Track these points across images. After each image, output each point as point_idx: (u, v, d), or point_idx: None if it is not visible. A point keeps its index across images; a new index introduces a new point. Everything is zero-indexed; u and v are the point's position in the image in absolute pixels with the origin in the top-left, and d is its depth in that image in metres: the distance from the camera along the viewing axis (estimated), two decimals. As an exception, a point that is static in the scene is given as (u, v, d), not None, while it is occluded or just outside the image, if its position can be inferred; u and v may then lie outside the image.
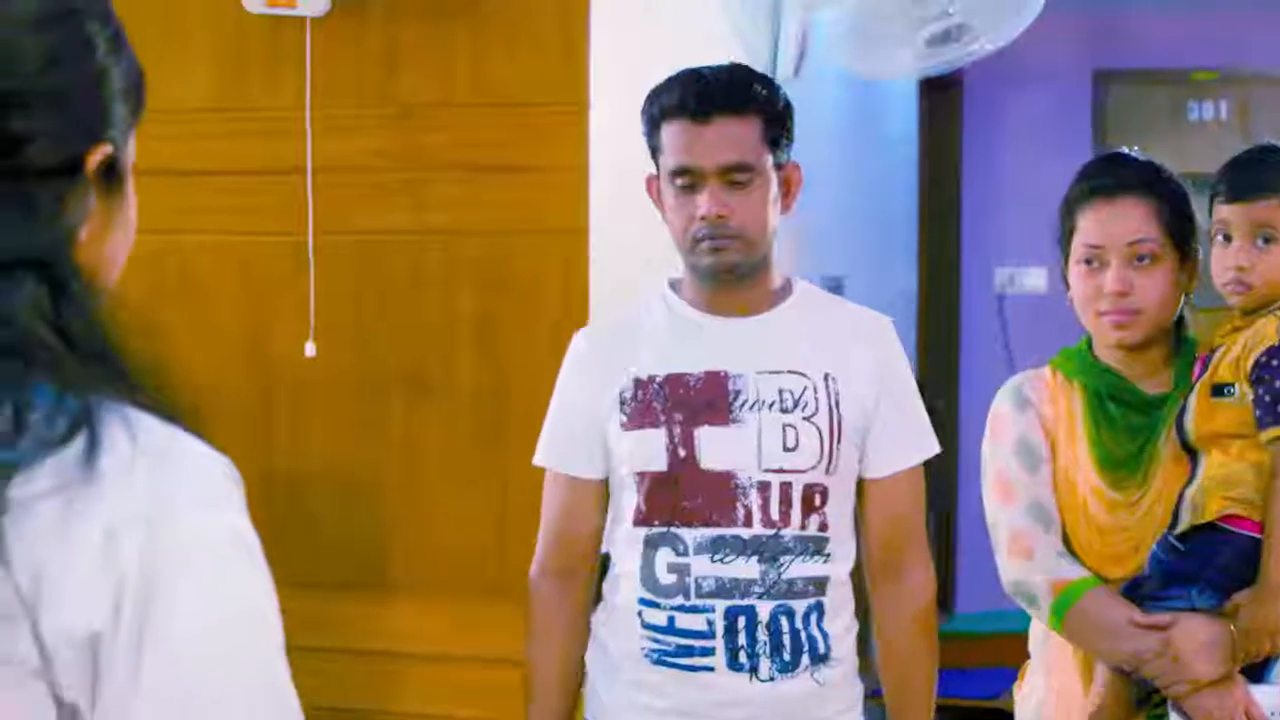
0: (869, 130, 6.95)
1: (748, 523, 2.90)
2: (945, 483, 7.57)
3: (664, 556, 2.93)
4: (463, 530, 3.97)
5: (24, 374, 1.21)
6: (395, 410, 4.04)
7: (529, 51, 3.90)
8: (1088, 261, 2.92)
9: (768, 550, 2.90)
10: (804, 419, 2.93)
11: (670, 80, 2.96)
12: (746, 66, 3.04)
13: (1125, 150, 3.09)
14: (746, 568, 2.90)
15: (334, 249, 4.03)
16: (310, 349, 3.98)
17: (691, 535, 2.91)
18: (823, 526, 2.93)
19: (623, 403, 2.97)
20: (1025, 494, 2.95)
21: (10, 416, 1.19)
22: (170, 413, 1.26)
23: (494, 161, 3.92)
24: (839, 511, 2.96)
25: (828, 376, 2.95)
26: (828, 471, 2.93)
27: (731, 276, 2.94)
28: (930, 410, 3.09)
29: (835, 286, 5.81)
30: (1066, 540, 2.94)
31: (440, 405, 3.99)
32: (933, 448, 3.06)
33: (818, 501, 2.93)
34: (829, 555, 2.94)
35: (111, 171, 1.33)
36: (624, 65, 3.98)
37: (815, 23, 5.11)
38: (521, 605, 3.05)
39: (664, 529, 2.93)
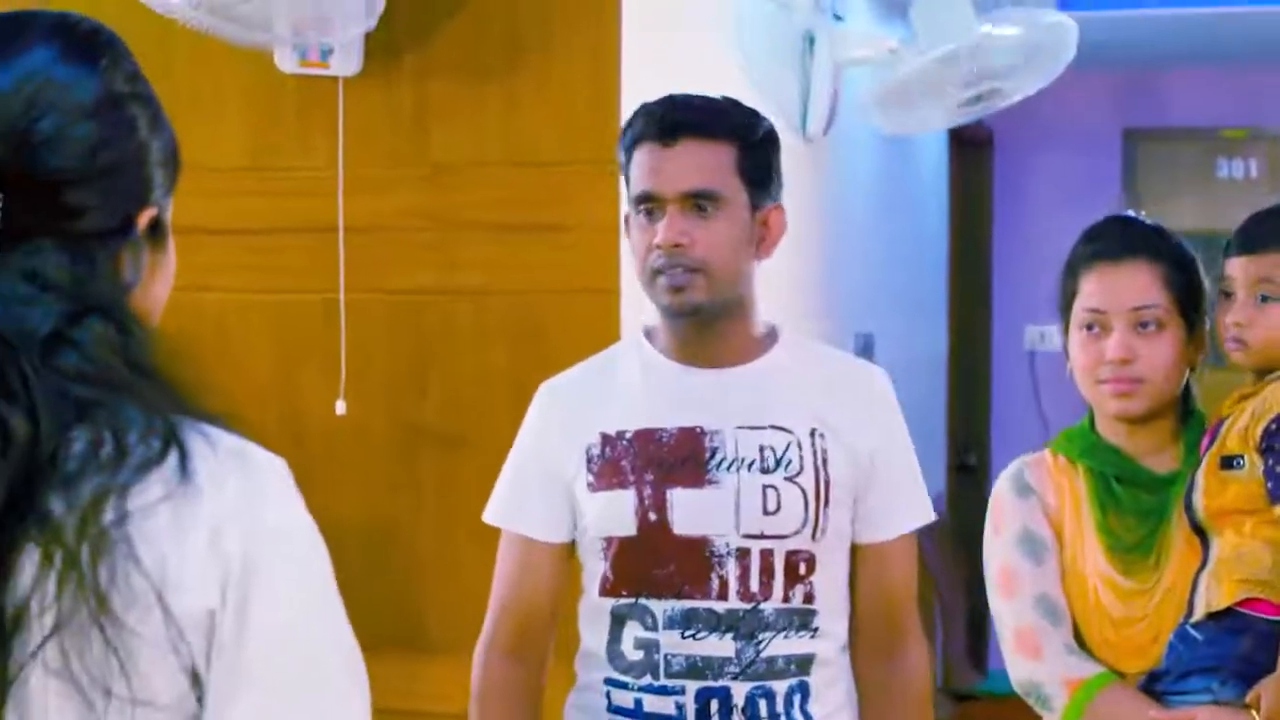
0: (900, 188, 6.96)
1: (722, 595, 2.62)
2: (977, 539, 7.52)
3: (631, 631, 2.66)
4: (494, 588, 3.97)
5: (113, 400, 1.46)
6: (427, 469, 4.04)
7: (560, 111, 3.91)
8: (1088, 327, 2.77)
9: (744, 626, 2.62)
10: (786, 479, 2.65)
11: (643, 106, 2.77)
12: (731, 98, 2.81)
13: (1131, 213, 2.97)
14: (720, 645, 2.62)
15: (365, 307, 4.04)
16: (340, 407, 3.99)
17: (661, 608, 2.63)
18: (808, 598, 2.66)
19: (590, 460, 2.71)
20: (1031, 587, 2.77)
21: (112, 441, 1.44)
22: (227, 425, 1.54)
23: (525, 220, 3.93)
24: (828, 581, 2.69)
25: (814, 432, 2.68)
26: (813, 537, 2.66)
27: (697, 319, 2.69)
28: (962, 466, 3.02)
29: (866, 343, 5.81)
30: (1078, 635, 2.76)
31: (472, 464, 3.98)
32: (928, 514, 2.82)
33: (803, 570, 2.65)
34: (816, 630, 2.67)
35: (155, 229, 1.59)
36: (655, 124, 4.00)
37: (845, 82, 5.13)
38: (554, 661, 3.02)
39: (631, 600, 2.66)
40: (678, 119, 2.68)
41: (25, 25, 1.53)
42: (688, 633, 2.62)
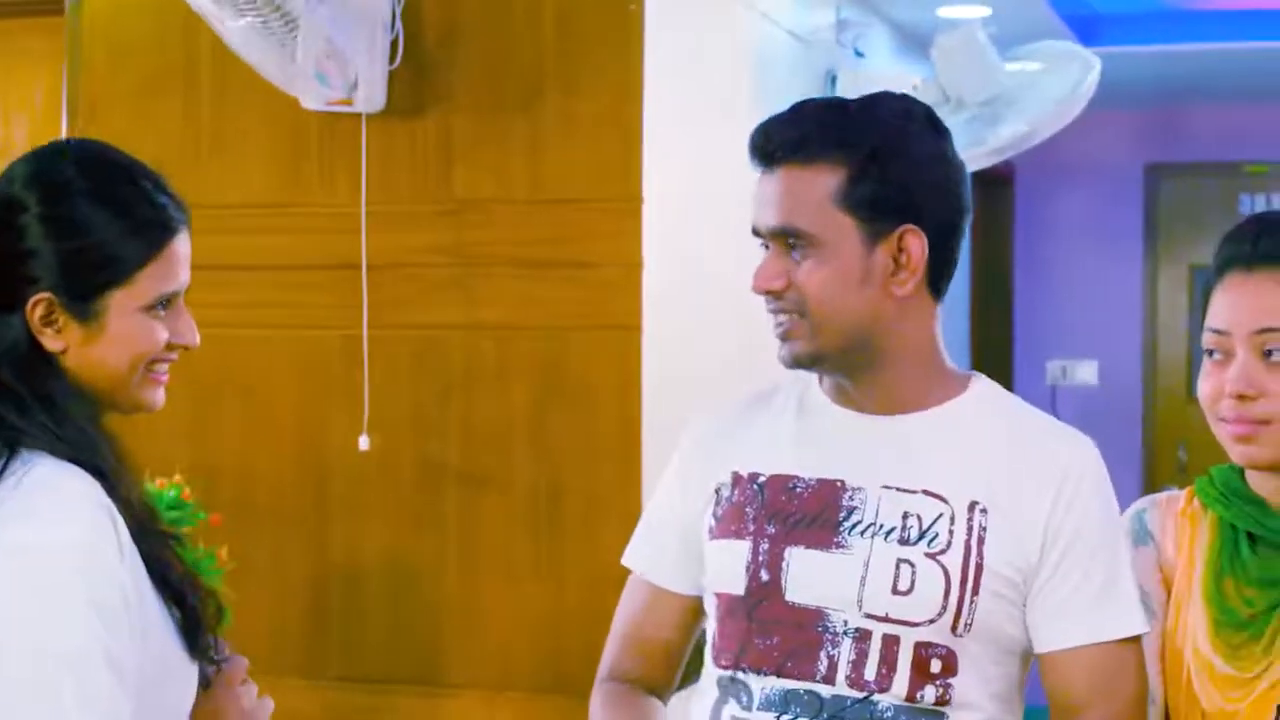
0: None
1: (829, 679, 2.17)
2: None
3: (729, 710, 2.23)
4: (518, 625, 3.97)
5: None
6: (450, 505, 4.04)
7: (584, 148, 3.92)
8: (1210, 353, 2.19)
9: (850, 717, 2.16)
10: (926, 556, 2.17)
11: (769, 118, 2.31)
12: (883, 95, 2.29)
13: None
14: None
15: (389, 343, 4.05)
16: (364, 442, 4.00)
17: (759, 685, 2.21)
18: (941, 701, 2.16)
19: (717, 502, 2.30)
20: None
21: None
22: (93, 465, 1.85)
23: (548, 257, 3.94)
24: (977, 687, 2.19)
25: (975, 506, 2.18)
26: (954, 630, 2.16)
27: (822, 369, 2.28)
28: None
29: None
30: None
31: (495, 499, 3.99)
32: (1129, 626, 2.20)
33: (936, 668, 2.16)
34: None
35: (84, 310, 1.92)
36: (677, 162, 4.01)
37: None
38: (577, 700, 3.01)
39: (731, 673, 2.24)
40: (776, 138, 2.23)
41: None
42: (784, 717, 2.19)
